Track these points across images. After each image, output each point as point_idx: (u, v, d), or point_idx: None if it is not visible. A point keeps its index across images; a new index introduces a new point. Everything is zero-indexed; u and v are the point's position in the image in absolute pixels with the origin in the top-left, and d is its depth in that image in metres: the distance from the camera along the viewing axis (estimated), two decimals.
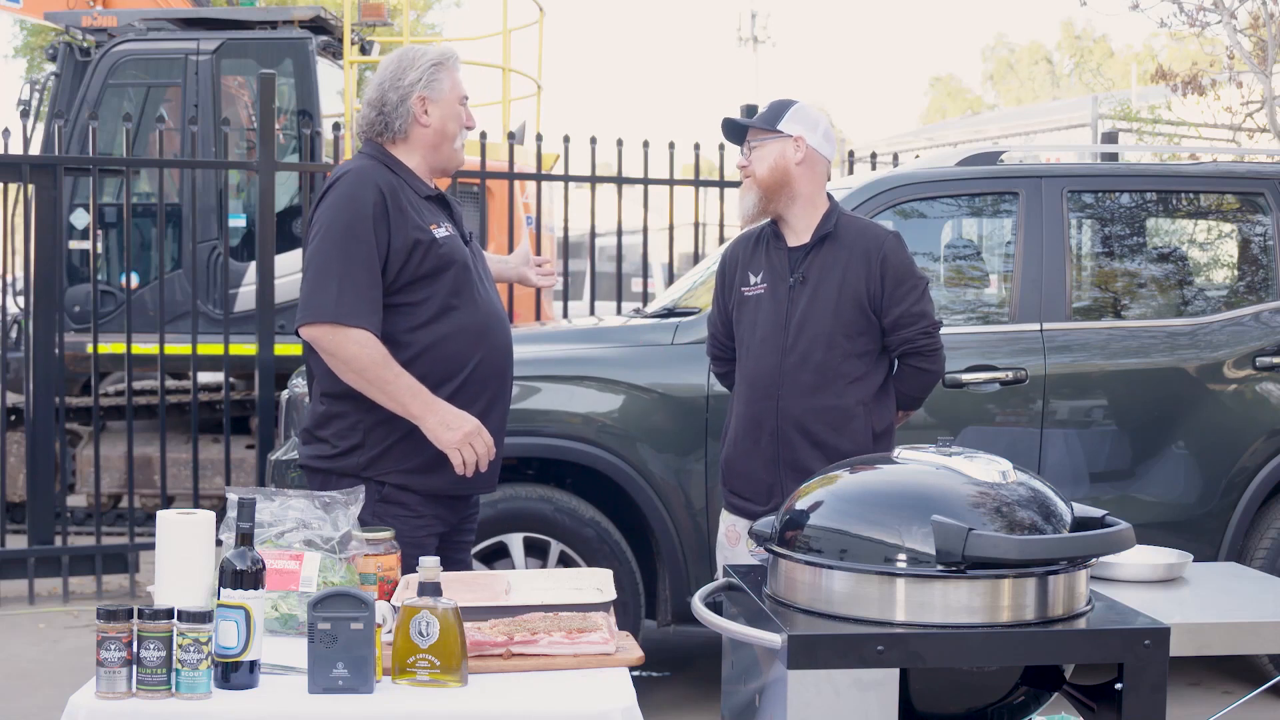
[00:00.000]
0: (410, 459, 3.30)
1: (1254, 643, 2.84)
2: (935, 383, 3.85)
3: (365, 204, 3.22)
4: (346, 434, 3.32)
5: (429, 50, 3.41)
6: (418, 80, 3.34)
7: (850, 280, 3.68)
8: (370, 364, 3.19)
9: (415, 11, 26.63)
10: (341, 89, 9.18)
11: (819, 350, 3.67)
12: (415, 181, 3.36)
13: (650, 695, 5.15)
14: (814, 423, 3.67)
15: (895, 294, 3.69)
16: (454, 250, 3.32)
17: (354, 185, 3.26)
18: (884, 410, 3.75)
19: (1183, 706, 4.37)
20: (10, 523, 7.47)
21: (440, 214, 3.37)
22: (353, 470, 3.32)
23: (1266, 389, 5.13)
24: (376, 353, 3.19)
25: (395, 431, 3.29)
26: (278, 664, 2.48)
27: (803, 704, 2.39)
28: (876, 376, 3.74)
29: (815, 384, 3.67)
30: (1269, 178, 5.34)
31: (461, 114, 3.40)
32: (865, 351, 3.71)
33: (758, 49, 41.04)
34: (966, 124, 32.59)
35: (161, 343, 7.05)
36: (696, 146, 7.43)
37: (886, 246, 3.72)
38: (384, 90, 3.36)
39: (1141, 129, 14.53)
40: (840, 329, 3.67)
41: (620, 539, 4.85)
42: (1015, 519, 2.51)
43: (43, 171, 6.88)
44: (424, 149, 3.38)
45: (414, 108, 3.34)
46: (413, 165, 3.38)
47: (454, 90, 3.37)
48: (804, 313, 3.69)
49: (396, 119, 3.35)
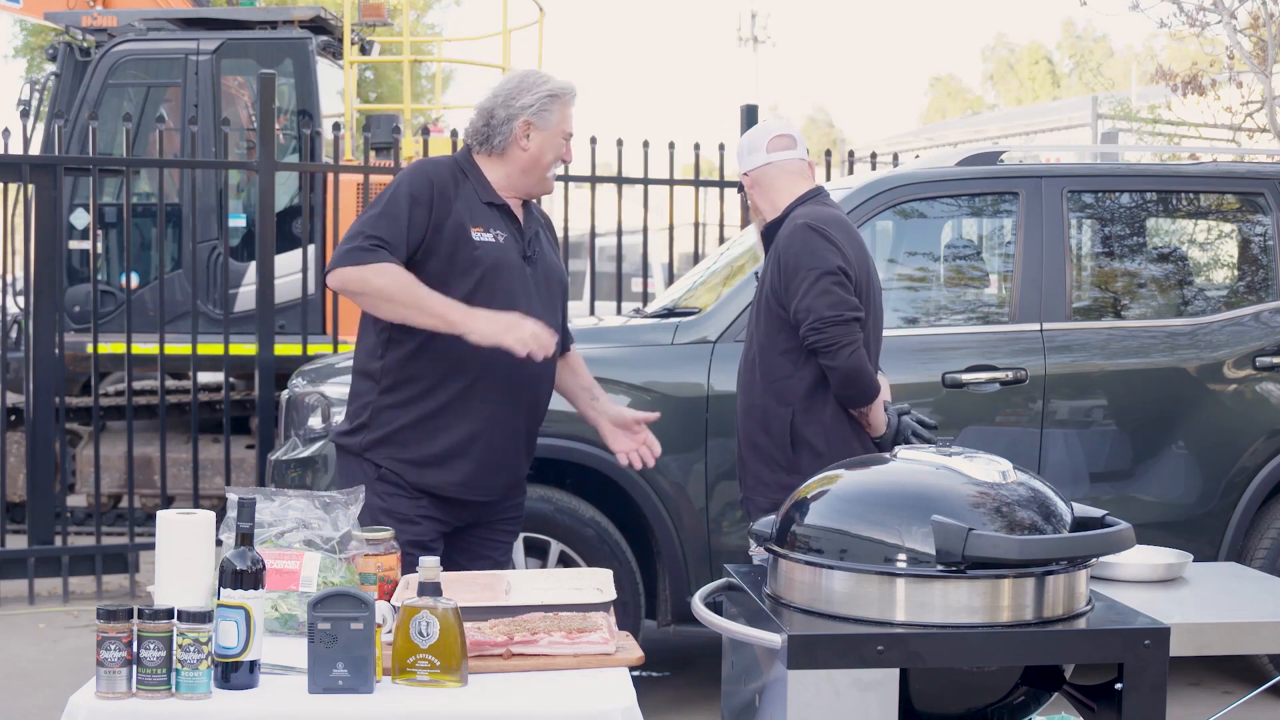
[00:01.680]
0: (408, 450, 3.35)
1: (1254, 643, 2.84)
2: (846, 381, 3.73)
3: (410, 186, 3.33)
4: (358, 413, 3.43)
5: (550, 80, 3.48)
6: (529, 105, 3.42)
7: (767, 277, 3.85)
8: (399, 288, 3.25)
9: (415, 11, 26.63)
10: (341, 89, 9.18)
11: (766, 350, 3.84)
12: (483, 188, 3.42)
13: (650, 695, 5.15)
14: (747, 423, 3.88)
15: (790, 288, 3.75)
16: (492, 255, 3.35)
17: (408, 173, 3.39)
18: (816, 410, 3.78)
19: (1183, 706, 4.37)
20: (10, 523, 7.46)
21: (497, 221, 3.41)
22: (355, 449, 3.41)
23: (1266, 389, 5.13)
24: (404, 277, 3.26)
25: (400, 418, 3.35)
26: (278, 664, 2.48)
27: (803, 704, 2.39)
28: (806, 375, 3.78)
29: (757, 384, 3.86)
30: (1269, 178, 5.33)
31: (560, 147, 3.47)
32: (788, 349, 3.78)
33: (758, 49, 41.09)
34: (966, 124, 32.60)
35: (161, 343, 7.05)
36: (696, 146, 7.43)
37: (782, 238, 3.82)
38: (495, 104, 3.44)
39: (1141, 129, 14.53)
40: (766, 326, 3.84)
41: (620, 539, 4.85)
42: (1015, 519, 2.51)
43: (43, 171, 6.87)
44: (515, 169, 3.45)
45: (517, 130, 3.41)
46: (494, 178, 3.44)
47: (561, 125, 3.45)
48: (753, 312, 3.93)
49: (498, 135, 3.43)
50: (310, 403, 5.04)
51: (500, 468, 3.44)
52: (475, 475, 3.39)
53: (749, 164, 3.96)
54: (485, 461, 3.40)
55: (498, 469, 3.43)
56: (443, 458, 3.36)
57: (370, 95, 23.13)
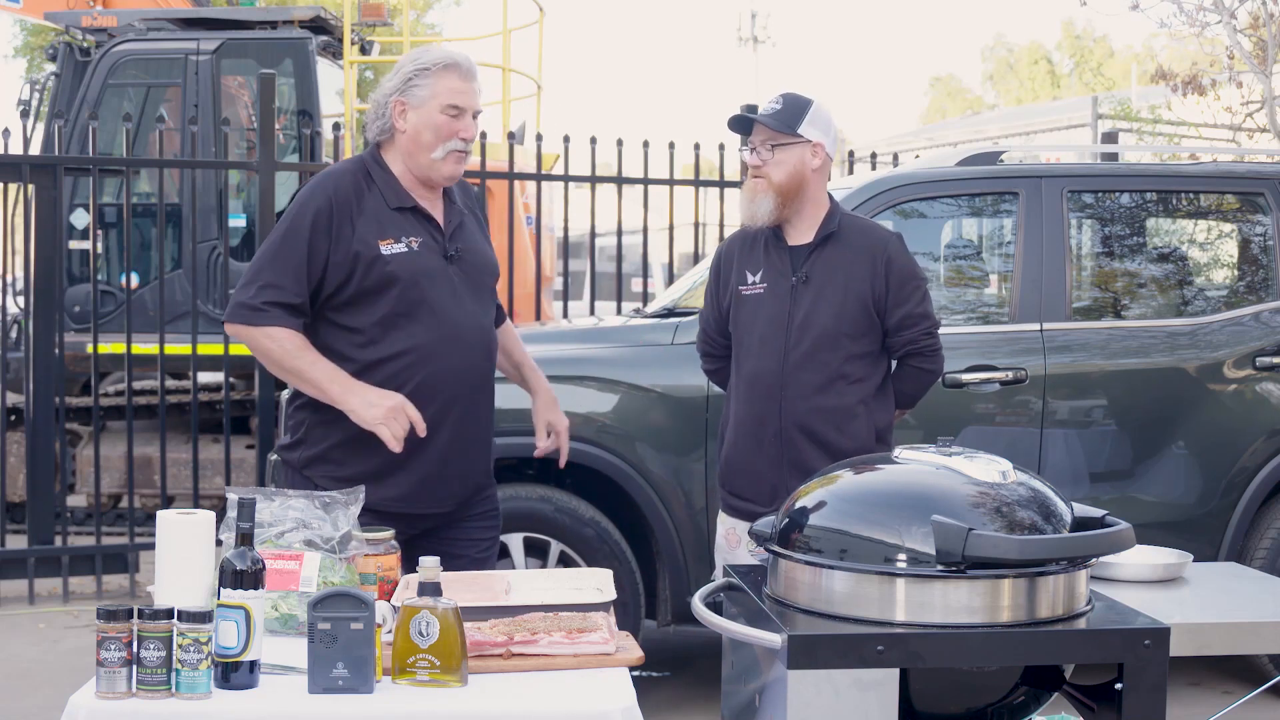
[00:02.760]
0: (344, 467, 3.28)
1: (1254, 643, 2.84)
2: (934, 382, 3.85)
3: (308, 213, 3.25)
4: (295, 428, 3.38)
5: (424, 55, 3.35)
6: (398, 86, 3.31)
7: (855, 281, 3.66)
8: (283, 355, 3.23)
9: (415, 11, 26.63)
10: (341, 89, 9.18)
11: (823, 351, 3.65)
12: (391, 191, 3.31)
13: (650, 695, 5.15)
14: (818, 423, 3.65)
15: (899, 295, 3.68)
16: (406, 266, 3.25)
17: (308, 192, 3.30)
18: (884, 409, 3.75)
19: (1183, 706, 4.37)
20: (10, 523, 7.46)
21: (409, 226, 3.30)
22: (295, 464, 3.36)
23: (1266, 389, 5.13)
24: (290, 344, 3.22)
25: (332, 436, 3.29)
26: (278, 664, 2.48)
27: (803, 704, 2.39)
28: (876, 376, 3.74)
29: (819, 384, 3.65)
30: (1269, 178, 5.33)
31: (444, 124, 3.28)
32: (867, 352, 3.70)
33: (758, 49, 41.06)
34: (966, 124, 32.61)
35: (161, 343, 7.05)
36: (696, 146, 7.43)
37: (891, 248, 3.70)
38: (380, 91, 3.36)
39: (1141, 129, 14.54)
40: (844, 329, 3.65)
41: (620, 539, 4.85)
42: (1015, 519, 2.51)
43: (43, 171, 6.88)
44: (404, 155, 3.34)
45: (393, 112, 3.32)
46: (398, 172, 3.34)
47: (437, 99, 3.28)
48: (808, 313, 3.66)
49: (379, 121, 3.35)
50: None
51: (446, 478, 3.34)
52: (417, 489, 3.30)
53: (831, 148, 3.69)
54: (426, 474, 3.30)
55: (443, 479, 3.34)
56: (377, 474, 3.25)
57: (370, 95, 23.13)
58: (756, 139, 3.67)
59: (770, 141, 3.64)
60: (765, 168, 3.64)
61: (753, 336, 3.71)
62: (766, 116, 3.66)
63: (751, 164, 3.67)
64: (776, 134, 3.63)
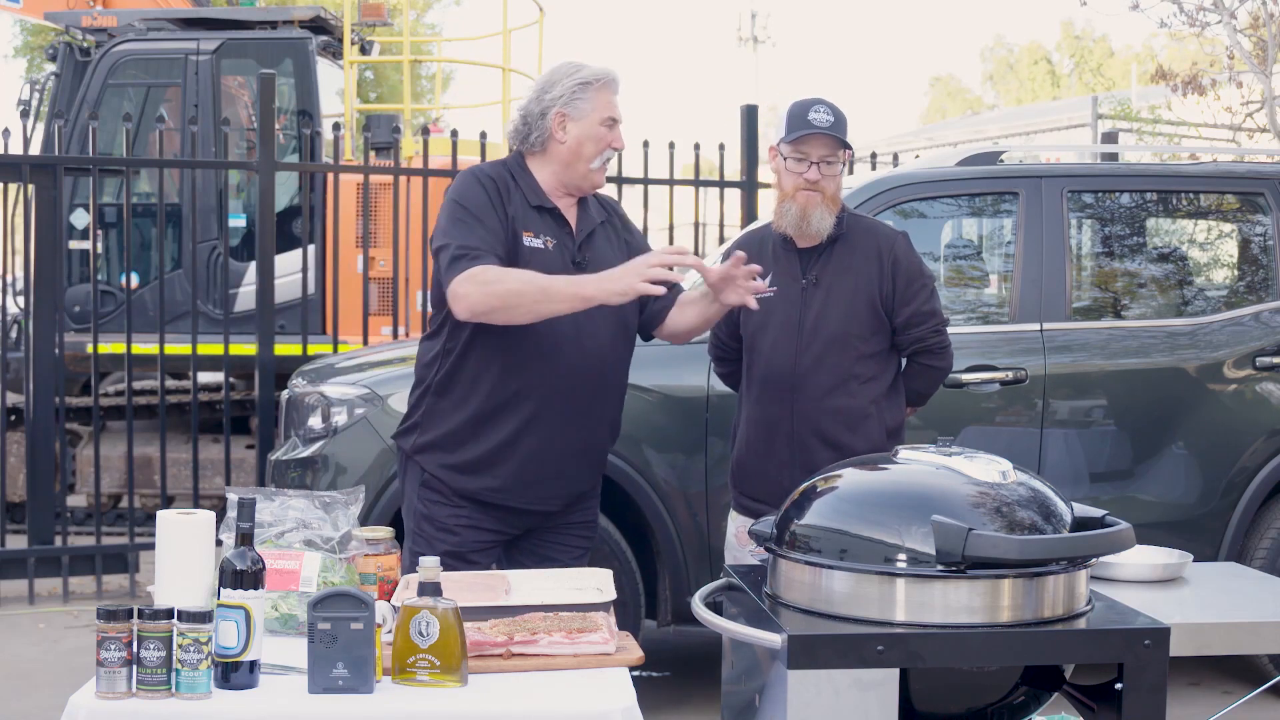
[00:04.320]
0: (452, 454, 3.34)
1: (1254, 643, 2.83)
2: (944, 378, 3.87)
3: (475, 188, 3.30)
4: (412, 411, 3.43)
5: (583, 69, 3.40)
6: (560, 97, 3.35)
7: (863, 281, 3.67)
8: (521, 279, 3.17)
9: (415, 11, 26.64)
10: (341, 89, 9.18)
11: (834, 352, 3.66)
12: (532, 191, 3.37)
13: (650, 695, 5.14)
14: (830, 424, 3.66)
15: (906, 293, 3.69)
16: (538, 261, 3.28)
17: (466, 177, 3.36)
18: (895, 408, 3.76)
19: (1183, 706, 4.37)
20: (10, 523, 7.46)
21: (546, 226, 3.36)
22: (407, 450, 3.41)
23: (1266, 389, 5.13)
24: (517, 271, 3.20)
25: (446, 423, 3.33)
26: (278, 664, 2.48)
27: (803, 704, 2.39)
28: (887, 375, 3.75)
29: (831, 386, 3.66)
30: (1269, 178, 5.33)
31: (602, 136, 3.37)
32: (877, 351, 3.71)
33: (758, 49, 41.06)
34: (966, 124, 32.62)
35: (161, 343, 7.04)
36: (696, 146, 7.43)
37: (897, 247, 3.71)
38: (530, 101, 3.40)
39: (1141, 129, 14.54)
40: (855, 330, 3.67)
41: (620, 539, 4.84)
42: (1015, 519, 2.51)
43: (43, 171, 6.87)
44: (558, 165, 3.38)
45: (552, 123, 3.36)
46: (542, 179, 3.39)
47: (597, 112, 3.36)
48: (818, 315, 3.67)
49: (535, 131, 3.38)
50: (310, 403, 5.03)
51: (549, 476, 3.37)
52: (517, 480, 3.33)
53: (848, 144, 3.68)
54: (529, 466, 3.33)
55: (546, 477, 3.36)
56: (484, 461, 3.32)
57: (370, 95, 23.14)
58: (817, 152, 3.59)
59: (829, 156, 3.61)
60: (822, 181, 3.60)
61: (764, 339, 3.73)
62: (836, 129, 3.59)
63: (809, 178, 3.60)
64: (834, 146, 3.60)
